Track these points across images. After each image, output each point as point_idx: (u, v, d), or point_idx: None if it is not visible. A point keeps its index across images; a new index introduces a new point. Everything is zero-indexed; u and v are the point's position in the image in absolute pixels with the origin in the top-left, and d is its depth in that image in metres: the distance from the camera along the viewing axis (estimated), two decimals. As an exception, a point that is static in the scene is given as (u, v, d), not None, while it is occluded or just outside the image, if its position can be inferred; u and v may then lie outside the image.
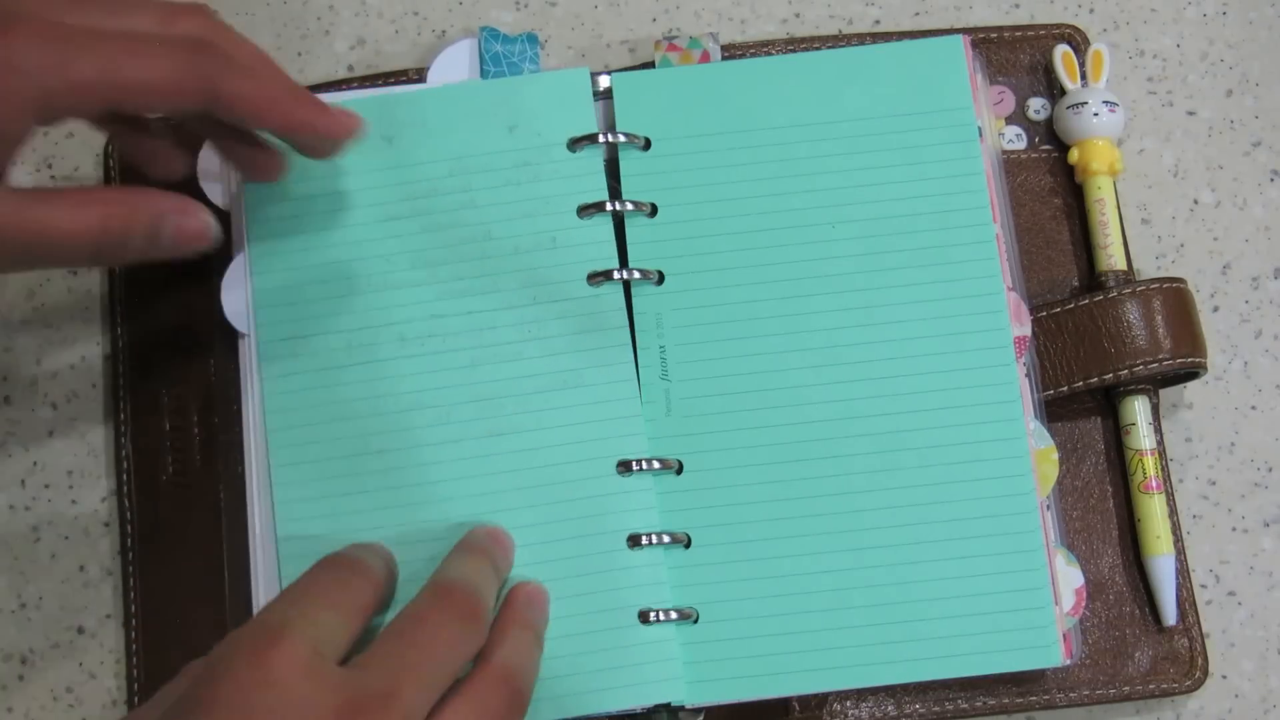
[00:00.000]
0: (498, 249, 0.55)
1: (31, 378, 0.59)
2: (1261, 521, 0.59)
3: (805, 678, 0.52)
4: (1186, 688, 0.56)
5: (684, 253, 0.56)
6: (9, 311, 0.60)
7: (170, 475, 0.57)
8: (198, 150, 0.56)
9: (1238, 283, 0.61)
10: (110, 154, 0.60)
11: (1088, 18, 0.64)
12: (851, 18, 0.63)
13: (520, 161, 0.56)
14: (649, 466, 0.53)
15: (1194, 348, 0.57)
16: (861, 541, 0.53)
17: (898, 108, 0.57)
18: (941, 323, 0.55)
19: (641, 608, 0.53)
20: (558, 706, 0.51)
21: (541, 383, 0.54)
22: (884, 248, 0.55)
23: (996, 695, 0.55)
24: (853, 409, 0.54)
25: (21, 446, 0.59)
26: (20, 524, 0.58)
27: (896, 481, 0.53)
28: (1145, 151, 0.62)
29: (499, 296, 0.55)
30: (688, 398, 0.54)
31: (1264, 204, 0.62)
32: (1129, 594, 0.57)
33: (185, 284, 0.58)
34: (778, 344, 0.55)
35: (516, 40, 0.59)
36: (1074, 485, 0.58)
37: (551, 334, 0.55)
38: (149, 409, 0.58)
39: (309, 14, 0.63)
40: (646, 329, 0.55)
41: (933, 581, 0.53)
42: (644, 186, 0.56)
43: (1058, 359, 0.57)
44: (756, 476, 0.54)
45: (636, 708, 0.52)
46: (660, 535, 0.53)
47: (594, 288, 0.55)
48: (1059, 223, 0.60)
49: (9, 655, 0.57)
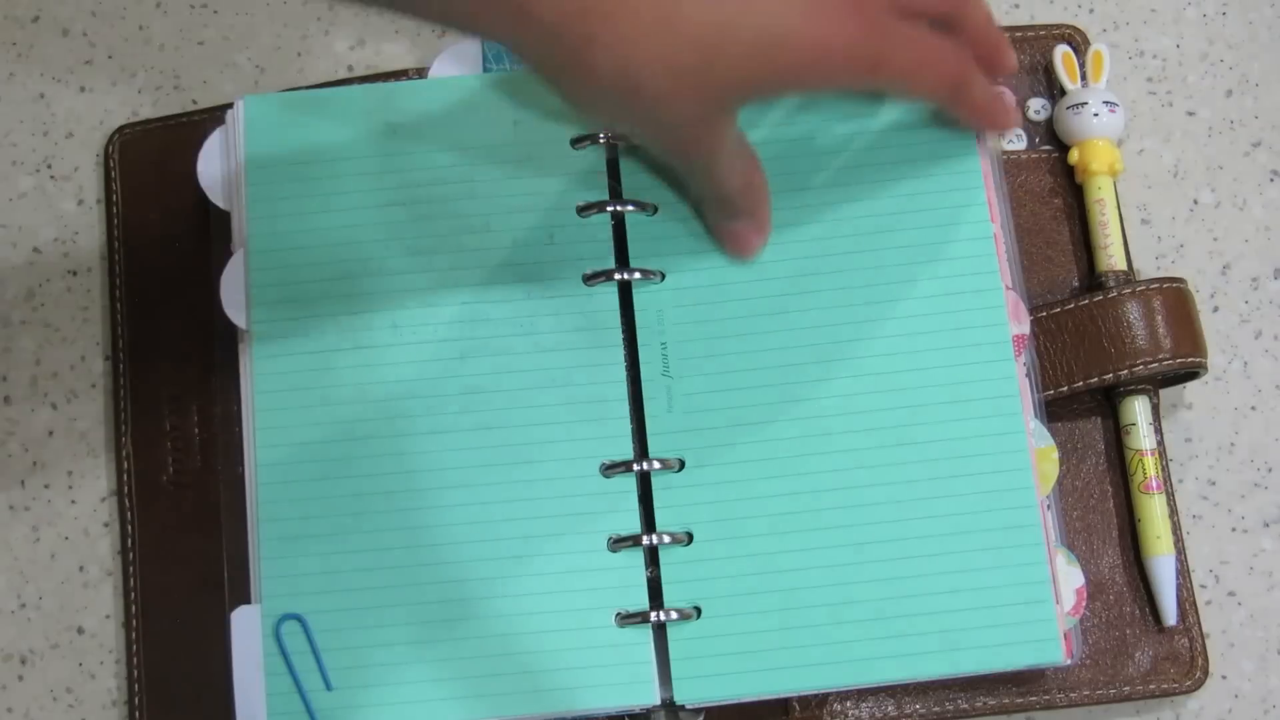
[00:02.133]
0: (495, 242, 0.55)
1: (31, 378, 0.59)
2: (1261, 521, 0.59)
3: (807, 674, 0.52)
4: (1186, 688, 0.56)
5: (685, 250, 0.56)
6: (9, 311, 0.60)
7: (170, 475, 0.57)
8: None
9: (1238, 283, 0.61)
10: (110, 154, 0.60)
11: (1088, 18, 0.64)
12: (851, 18, 0.63)
13: (522, 156, 0.56)
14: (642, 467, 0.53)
15: (1194, 348, 0.57)
16: (862, 537, 0.53)
17: (895, 105, 0.57)
18: (940, 319, 0.55)
19: (619, 610, 0.53)
20: (530, 703, 0.52)
21: (531, 379, 0.54)
22: (883, 245, 0.55)
23: (997, 695, 0.55)
24: (853, 405, 0.54)
25: (21, 446, 0.58)
26: (20, 524, 0.58)
27: (897, 477, 0.53)
28: (1145, 152, 0.62)
29: (494, 290, 0.55)
30: (689, 394, 0.54)
31: (1264, 204, 0.62)
32: (1129, 594, 0.57)
33: (185, 284, 0.58)
34: (778, 340, 0.55)
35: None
36: (1074, 485, 0.58)
37: (544, 331, 0.55)
38: (149, 409, 0.58)
39: (309, 14, 0.63)
40: (648, 325, 0.55)
41: (934, 577, 0.53)
42: (644, 185, 0.56)
43: (1058, 359, 0.57)
44: (758, 473, 0.54)
45: (608, 708, 0.52)
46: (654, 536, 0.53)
47: (589, 287, 0.55)
48: (1059, 223, 0.60)
49: (9, 655, 0.57)
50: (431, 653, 0.52)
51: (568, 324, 0.55)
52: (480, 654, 0.52)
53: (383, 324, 0.55)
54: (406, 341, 0.54)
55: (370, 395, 0.54)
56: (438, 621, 0.52)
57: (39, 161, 0.61)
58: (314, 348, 0.54)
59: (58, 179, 0.61)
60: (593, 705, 0.52)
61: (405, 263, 0.55)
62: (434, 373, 0.54)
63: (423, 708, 0.52)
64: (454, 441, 0.54)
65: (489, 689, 0.52)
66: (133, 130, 0.61)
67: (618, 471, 0.54)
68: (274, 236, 0.55)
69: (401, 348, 0.54)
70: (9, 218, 0.61)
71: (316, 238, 0.55)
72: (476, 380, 0.54)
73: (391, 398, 0.54)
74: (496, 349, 0.54)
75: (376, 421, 0.54)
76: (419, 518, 0.53)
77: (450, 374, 0.54)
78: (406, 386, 0.54)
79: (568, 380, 0.54)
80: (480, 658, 0.52)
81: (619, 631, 0.52)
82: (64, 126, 0.62)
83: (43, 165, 0.61)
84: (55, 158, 0.61)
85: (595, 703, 0.52)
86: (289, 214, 0.56)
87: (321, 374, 0.54)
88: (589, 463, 0.54)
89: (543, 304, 0.55)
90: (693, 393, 0.54)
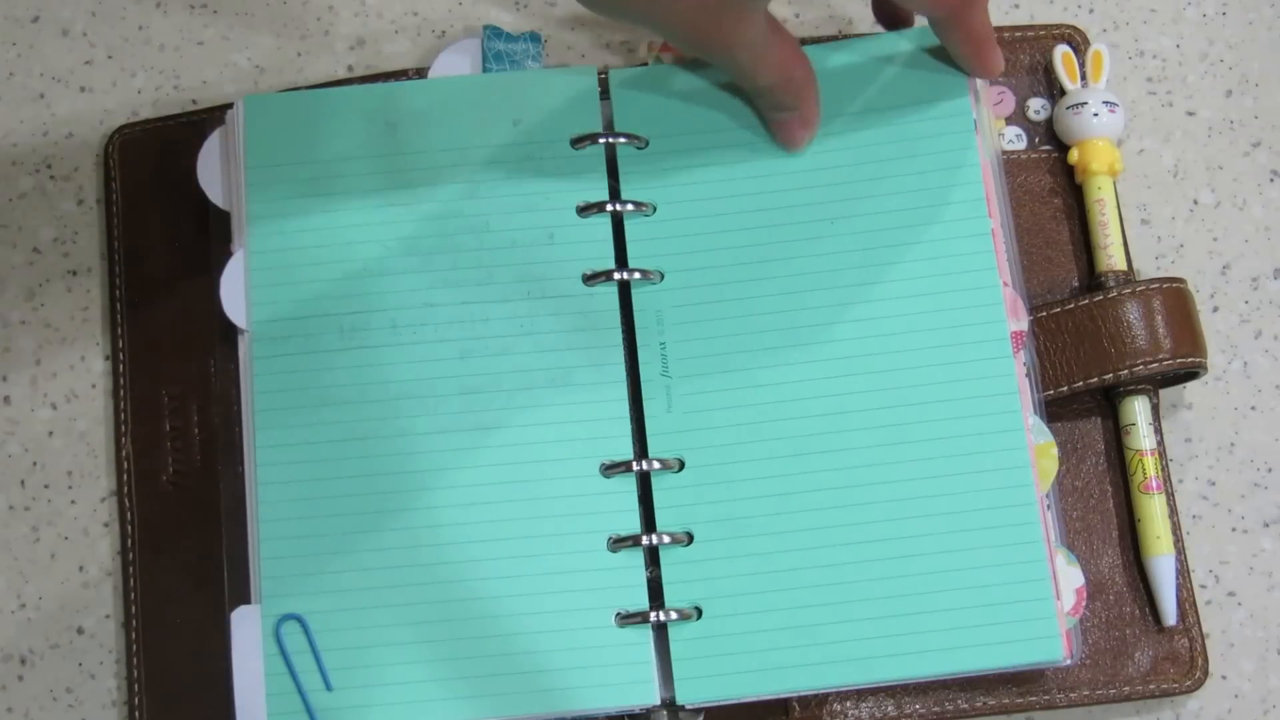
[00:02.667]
0: (495, 241, 0.55)
1: (31, 378, 0.59)
2: (1261, 522, 0.59)
3: (807, 674, 0.52)
4: (1186, 688, 0.56)
5: (683, 250, 0.56)
6: (9, 311, 0.60)
7: (170, 475, 0.57)
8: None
9: (1237, 283, 0.61)
10: (110, 154, 0.60)
11: (1087, 18, 0.64)
12: (851, 18, 0.63)
13: (523, 156, 0.56)
14: (642, 468, 0.53)
15: (1194, 348, 0.57)
16: (862, 537, 0.53)
17: (895, 103, 0.57)
18: (939, 316, 0.55)
19: (618, 610, 0.53)
20: (530, 703, 0.52)
21: (530, 379, 0.54)
22: (881, 242, 0.55)
23: (996, 695, 0.55)
24: (852, 403, 0.54)
25: (21, 446, 0.59)
26: (20, 524, 0.58)
27: (896, 475, 0.53)
28: (1145, 152, 0.62)
29: (493, 289, 0.55)
30: (688, 394, 0.54)
31: (1264, 204, 0.62)
32: (1129, 594, 0.57)
33: (185, 284, 0.58)
34: (777, 339, 0.55)
35: (519, 39, 0.59)
36: (1074, 485, 0.58)
37: (543, 331, 0.55)
38: (149, 409, 0.58)
39: (309, 14, 0.63)
40: (647, 325, 0.55)
41: (933, 576, 0.53)
42: (642, 184, 0.56)
43: (1058, 359, 0.57)
44: (757, 472, 0.54)
45: (608, 708, 0.52)
46: (654, 536, 0.53)
47: (589, 287, 0.55)
48: (1059, 223, 0.60)
49: (9, 655, 0.57)
50: (431, 653, 0.52)
51: (568, 324, 0.55)
52: (480, 654, 0.52)
53: (382, 324, 0.55)
54: (406, 341, 0.54)
55: (370, 395, 0.54)
56: (437, 621, 0.52)
57: (39, 161, 0.61)
58: (314, 348, 0.54)
59: (58, 179, 0.61)
60: (593, 705, 0.52)
61: (405, 262, 0.55)
62: (434, 372, 0.54)
63: (423, 708, 0.52)
64: (454, 441, 0.54)
65: (489, 689, 0.52)
66: (133, 130, 0.61)
67: (617, 471, 0.54)
68: (274, 237, 0.55)
69: (401, 347, 0.54)
70: (9, 218, 0.61)
71: (316, 238, 0.55)
72: (476, 380, 0.54)
73: (391, 397, 0.54)
74: (496, 349, 0.54)
75: (377, 421, 0.54)
76: (419, 517, 0.53)
77: (450, 374, 0.54)
78: (406, 386, 0.54)
79: (568, 380, 0.54)
80: (480, 658, 0.52)
81: (619, 632, 0.52)
82: (64, 126, 0.62)
83: (43, 165, 0.61)
84: (55, 158, 0.61)
85: (596, 703, 0.52)
86: (289, 214, 0.56)
87: (321, 374, 0.54)
88: (589, 463, 0.54)
89: (543, 304, 0.55)
90: (692, 393, 0.54)
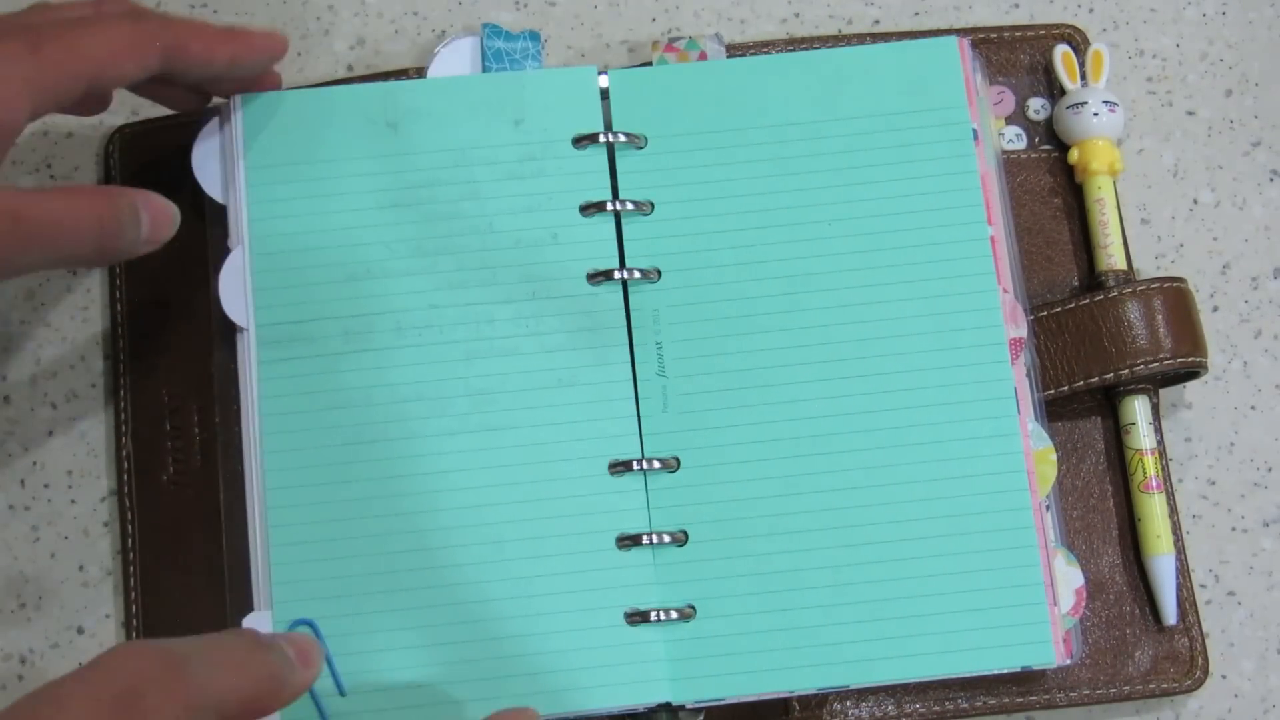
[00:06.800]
0: (498, 242, 0.55)
1: (31, 378, 0.59)
2: (1261, 521, 0.59)
3: (803, 674, 0.52)
4: (1186, 688, 0.56)
5: (681, 249, 0.56)
6: (9, 311, 0.60)
7: (170, 475, 0.57)
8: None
9: (1237, 283, 0.61)
10: (110, 154, 0.60)
11: (1087, 18, 0.64)
12: (851, 18, 0.63)
13: (525, 156, 0.56)
14: (642, 467, 0.53)
15: (1194, 347, 0.57)
16: (858, 538, 0.53)
17: (893, 107, 0.57)
18: (936, 320, 0.55)
19: (629, 609, 0.53)
20: (542, 703, 0.52)
21: (537, 379, 0.54)
22: (879, 246, 0.55)
23: (996, 695, 0.55)
24: (848, 406, 0.54)
25: (21, 446, 0.58)
26: (20, 524, 0.58)
27: (892, 479, 0.53)
28: (1145, 151, 0.62)
29: (498, 290, 0.55)
30: (684, 394, 0.54)
31: (1264, 204, 0.62)
32: (1129, 594, 0.57)
33: (185, 284, 0.58)
34: (774, 340, 0.55)
35: (519, 38, 0.59)
36: (1074, 485, 0.58)
37: (549, 330, 0.55)
38: (149, 409, 0.58)
39: (309, 14, 0.63)
40: (643, 325, 0.55)
41: (928, 579, 0.53)
42: (641, 184, 0.56)
43: (1058, 359, 0.57)
44: (753, 473, 0.54)
45: (620, 707, 0.52)
46: (651, 536, 0.53)
47: (593, 286, 0.55)
48: (1059, 223, 0.60)
49: (9, 655, 0.57)
50: (444, 655, 0.52)
51: (573, 323, 0.55)
52: (492, 655, 0.52)
53: (387, 326, 0.55)
54: (412, 344, 0.54)
55: (376, 398, 0.54)
56: (449, 624, 0.52)
57: (39, 161, 0.61)
58: (319, 351, 0.54)
59: (58, 179, 0.61)
60: (605, 704, 0.52)
61: (408, 264, 0.55)
62: (440, 374, 0.54)
63: (436, 711, 0.52)
64: (462, 443, 0.54)
65: (502, 690, 0.52)
66: (133, 130, 0.60)
67: (625, 470, 0.54)
68: (275, 238, 0.55)
69: (407, 350, 0.54)
70: (9, 218, 0.61)
71: (318, 239, 0.55)
72: (483, 381, 0.54)
73: (399, 400, 0.54)
74: (502, 349, 0.55)
75: (384, 425, 0.54)
76: (428, 520, 0.53)
77: (456, 375, 0.54)
78: (412, 389, 0.54)
79: (574, 379, 0.54)
80: (492, 659, 0.52)
81: (629, 630, 0.52)
82: (64, 126, 0.62)
83: (43, 165, 0.61)
84: (55, 158, 0.61)
85: (608, 701, 0.52)
86: (289, 215, 0.55)
87: (327, 377, 0.54)
88: (597, 461, 0.54)
89: (548, 304, 0.55)
90: (687, 393, 0.54)
